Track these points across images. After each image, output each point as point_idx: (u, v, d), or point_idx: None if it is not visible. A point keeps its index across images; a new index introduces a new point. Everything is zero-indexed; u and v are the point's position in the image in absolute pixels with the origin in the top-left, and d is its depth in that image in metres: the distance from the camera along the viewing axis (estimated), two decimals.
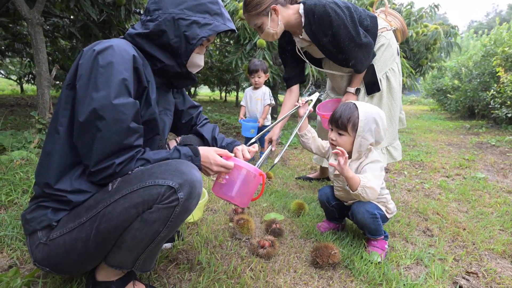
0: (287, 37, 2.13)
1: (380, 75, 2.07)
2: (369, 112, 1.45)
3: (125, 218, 0.90)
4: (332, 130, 1.54)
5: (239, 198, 1.15)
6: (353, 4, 1.90)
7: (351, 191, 1.38)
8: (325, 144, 1.71)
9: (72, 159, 0.98)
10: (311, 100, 1.61)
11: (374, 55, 1.99)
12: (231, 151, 1.39)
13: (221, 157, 1.13)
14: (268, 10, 1.78)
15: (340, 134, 1.50)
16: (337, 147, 1.33)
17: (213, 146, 1.45)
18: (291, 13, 1.86)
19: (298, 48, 2.10)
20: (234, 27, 1.15)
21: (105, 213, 0.91)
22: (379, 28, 2.00)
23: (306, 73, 2.37)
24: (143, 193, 0.90)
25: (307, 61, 2.17)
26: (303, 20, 1.84)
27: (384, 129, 1.48)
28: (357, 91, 2.10)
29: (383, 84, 2.08)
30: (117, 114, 0.91)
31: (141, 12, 1.18)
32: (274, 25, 1.81)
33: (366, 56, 1.89)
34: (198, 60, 1.18)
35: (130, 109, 0.94)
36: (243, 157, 1.35)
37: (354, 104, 1.48)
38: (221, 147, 1.44)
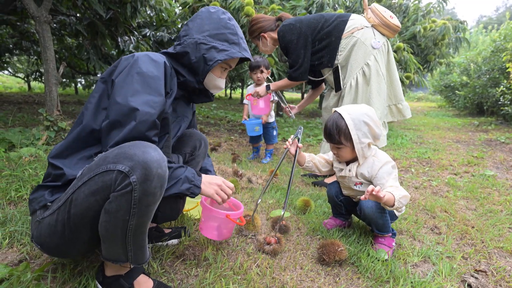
0: None
1: (356, 71, 2.26)
2: (356, 117, 1.41)
3: (87, 206, 0.92)
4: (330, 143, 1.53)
5: (209, 233, 1.37)
6: (320, 15, 2.32)
7: (388, 207, 1.32)
8: (327, 156, 1.69)
9: (88, 143, 1.08)
10: (298, 137, 1.60)
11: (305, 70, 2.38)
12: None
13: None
14: (258, 36, 2.51)
15: (338, 148, 1.49)
16: (364, 195, 1.24)
17: None
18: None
19: None
20: (249, 56, 1.30)
21: (72, 198, 0.94)
22: (347, 30, 2.25)
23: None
24: (98, 179, 0.90)
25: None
26: None
27: (378, 124, 1.44)
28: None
29: (359, 79, 2.26)
30: (148, 107, 1.02)
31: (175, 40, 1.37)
32: (265, 45, 2.55)
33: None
34: (219, 83, 1.35)
35: (159, 106, 1.06)
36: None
37: (339, 114, 1.45)
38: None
